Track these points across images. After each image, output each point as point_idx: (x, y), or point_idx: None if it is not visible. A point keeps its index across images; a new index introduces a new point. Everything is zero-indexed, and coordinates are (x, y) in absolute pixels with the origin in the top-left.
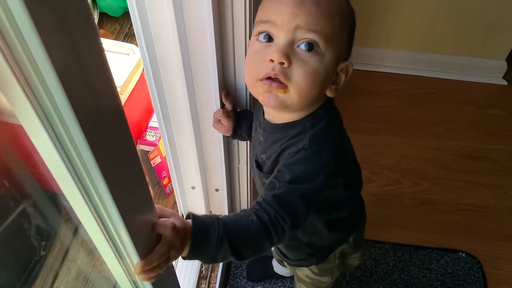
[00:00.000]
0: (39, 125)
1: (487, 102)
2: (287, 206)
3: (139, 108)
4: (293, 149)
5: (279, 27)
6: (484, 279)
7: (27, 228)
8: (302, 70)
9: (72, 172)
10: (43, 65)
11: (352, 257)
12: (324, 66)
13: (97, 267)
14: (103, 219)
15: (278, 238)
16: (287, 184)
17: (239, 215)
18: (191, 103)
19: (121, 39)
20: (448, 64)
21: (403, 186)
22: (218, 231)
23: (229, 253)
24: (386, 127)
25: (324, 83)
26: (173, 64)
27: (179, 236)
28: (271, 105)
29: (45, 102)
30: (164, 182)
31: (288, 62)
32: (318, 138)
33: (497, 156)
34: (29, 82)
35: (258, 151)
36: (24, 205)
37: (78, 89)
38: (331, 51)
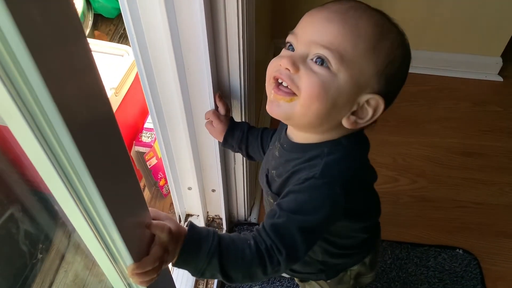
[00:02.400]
0: (25, 126)
1: (482, 99)
2: (284, 237)
3: (134, 110)
4: (304, 175)
5: (299, 39)
6: (481, 275)
7: (15, 232)
8: (309, 78)
9: (62, 174)
10: (27, 66)
11: (367, 276)
12: (335, 84)
13: (93, 271)
14: (95, 222)
15: (273, 269)
16: (288, 213)
17: (239, 237)
18: (186, 104)
19: (115, 40)
20: (443, 61)
21: (400, 184)
22: (211, 245)
23: (217, 271)
24: (382, 125)
25: (333, 105)
26: (167, 65)
27: (173, 239)
28: (273, 113)
29: (30, 102)
30: (160, 183)
31: (294, 69)
32: (332, 168)
33: (493, 152)
34: (13, 81)
35: (270, 166)
36: (13, 210)
37: (64, 89)
38: (346, 74)
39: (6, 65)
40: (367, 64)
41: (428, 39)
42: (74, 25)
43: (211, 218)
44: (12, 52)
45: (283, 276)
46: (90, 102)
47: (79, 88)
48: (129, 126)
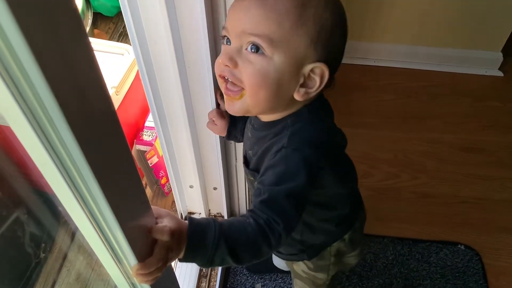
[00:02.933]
0: (27, 126)
1: (483, 94)
2: (276, 208)
3: (135, 108)
4: (274, 149)
5: (230, 32)
6: (483, 271)
7: (21, 235)
8: (248, 70)
9: (65, 175)
10: (29, 65)
11: (349, 255)
12: (274, 68)
13: (96, 270)
14: (99, 222)
15: (276, 242)
16: (271, 187)
17: (236, 219)
18: (187, 102)
19: (115, 39)
20: (444, 56)
21: (401, 180)
22: (215, 232)
23: (226, 254)
24: (383, 122)
25: (278, 87)
26: (168, 64)
27: (175, 237)
28: (231, 112)
29: (32, 102)
30: (162, 181)
31: (233, 64)
32: (297, 135)
33: (494, 148)
34: (14, 81)
35: (247, 147)
36: (18, 213)
37: (67, 89)
38: (281, 54)
39: (7, 64)
40: (298, 38)
41: (428, 35)
42: (75, 23)
43: (212, 215)
44: (14, 52)
45: (283, 270)
46: (92, 101)
47: (81, 88)
48: (130, 125)
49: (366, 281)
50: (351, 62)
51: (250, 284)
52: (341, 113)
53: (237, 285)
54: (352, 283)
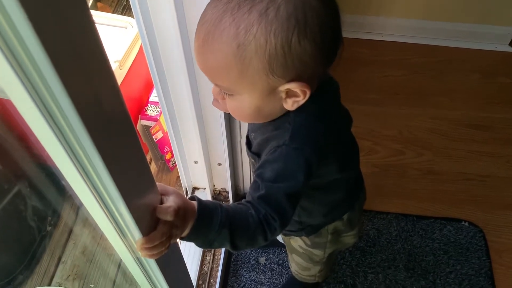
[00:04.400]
0: (28, 100)
1: (492, 70)
2: (273, 205)
3: (139, 83)
4: (275, 143)
5: None
6: (486, 247)
7: (23, 209)
8: (228, 106)
9: (68, 149)
10: (28, 37)
11: (347, 235)
12: (247, 103)
13: (102, 244)
14: (103, 197)
15: (271, 234)
16: (270, 183)
17: (240, 207)
18: (191, 77)
19: (119, 12)
20: (452, 31)
21: (406, 156)
22: (221, 217)
23: (227, 240)
24: (389, 98)
25: (260, 112)
26: (171, 37)
27: (180, 215)
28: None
29: (32, 75)
30: (167, 156)
31: (216, 102)
32: (300, 132)
33: (501, 125)
34: (14, 53)
35: (250, 128)
36: (20, 186)
37: (66, 60)
38: (245, 94)
39: (6, 36)
40: (250, 79)
41: (437, 9)
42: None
43: (217, 191)
44: (12, 23)
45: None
46: (93, 70)
47: (81, 56)
48: (134, 100)
49: (369, 257)
50: (357, 37)
51: (254, 258)
52: (346, 89)
53: (241, 259)
54: (355, 258)
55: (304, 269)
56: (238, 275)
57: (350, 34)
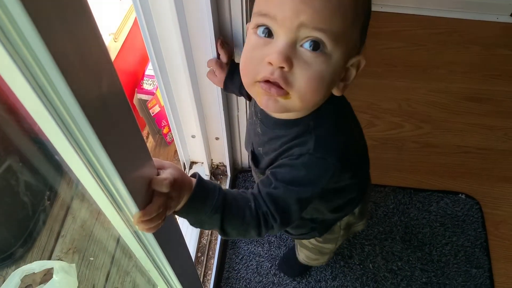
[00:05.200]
0: (17, 73)
1: (493, 42)
2: (281, 206)
3: (135, 55)
4: (297, 151)
5: (280, 23)
6: (482, 219)
7: (15, 183)
8: (305, 74)
9: (60, 123)
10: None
11: (357, 224)
12: (331, 67)
13: (100, 218)
14: (98, 171)
15: (266, 232)
16: (284, 184)
17: (241, 195)
18: (187, 50)
19: None
20: (453, 2)
21: (404, 129)
22: (216, 200)
23: (217, 225)
24: (389, 70)
25: (330, 85)
26: (166, 9)
27: (176, 187)
28: (270, 109)
29: (20, 47)
30: (164, 131)
31: (289, 65)
32: (325, 141)
33: (501, 97)
34: (2, 28)
35: (255, 142)
36: (11, 161)
37: (55, 31)
38: (340, 49)
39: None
40: (354, 30)
41: None
42: None
43: (215, 165)
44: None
45: None
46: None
47: (71, 28)
48: (130, 73)
49: (366, 229)
50: None
51: None
52: None
53: None
54: None
55: (313, 260)
56: (236, 247)
57: None
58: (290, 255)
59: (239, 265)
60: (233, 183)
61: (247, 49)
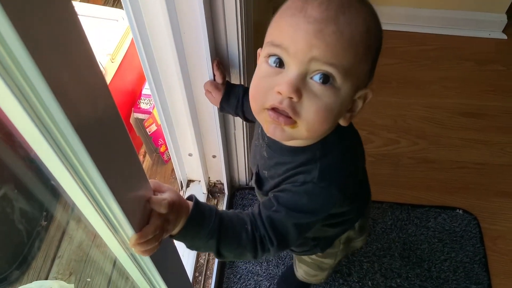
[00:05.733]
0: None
1: (486, 58)
2: (279, 230)
3: (132, 75)
4: (301, 178)
5: (292, 55)
6: (480, 234)
7: (10, 211)
8: (313, 106)
9: (55, 147)
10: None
11: (357, 240)
12: (339, 100)
13: (97, 240)
14: (93, 194)
15: (262, 255)
16: (286, 209)
17: (238, 218)
18: (183, 70)
19: (110, 4)
20: (446, 19)
21: (400, 145)
22: (213, 224)
23: (213, 249)
24: (383, 87)
25: (337, 117)
26: (162, 29)
27: (174, 210)
28: (277, 137)
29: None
30: (161, 149)
31: (298, 96)
32: (329, 172)
33: (495, 112)
34: None
35: (260, 165)
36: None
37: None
38: (349, 83)
39: None
40: (366, 64)
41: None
42: None
43: (212, 183)
44: None
45: None
46: (78, 62)
47: (66, 49)
48: (127, 93)
49: (364, 246)
50: None
51: None
52: None
53: None
54: None
55: (312, 276)
56: (234, 267)
57: None
58: (288, 273)
59: (237, 284)
60: (231, 201)
61: (257, 77)
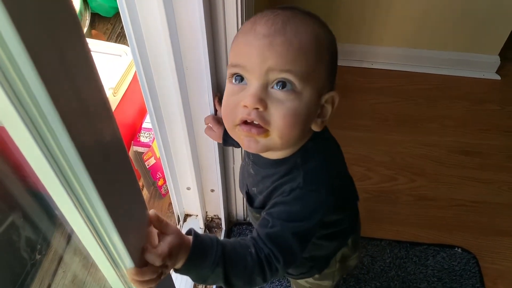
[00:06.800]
0: (22, 127)
1: (481, 97)
2: (281, 245)
3: (133, 109)
4: (287, 187)
5: (250, 71)
6: (480, 274)
7: (17, 239)
8: (280, 112)
9: (61, 177)
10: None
11: (352, 258)
12: (304, 104)
13: (92, 273)
14: (95, 225)
15: (271, 276)
16: (281, 221)
17: (240, 244)
18: (185, 104)
19: (113, 40)
20: (441, 59)
21: (398, 182)
22: (215, 255)
23: (221, 278)
24: (381, 124)
25: (306, 121)
26: (165, 65)
27: (172, 256)
28: (252, 149)
29: (28, 102)
30: (159, 183)
31: (263, 106)
32: (314, 175)
33: (491, 151)
34: (9, 80)
35: (249, 183)
36: (14, 217)
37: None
38: (310, 88)
39: (3, 65)
40: (320, 69)
41: (425, 38)
42: (73, 25)
43: (210, 218)
44: (10, 52)
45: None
46: (89, 102)
47: (78, 89)
48: (128, 126)
49: (363, 284)
50: (348, 65)
51: None
52: (338, 116)
53: None
54: (349, 286)
55: None
56: None
57: (340, 62)
58: None
59: None
60: (228, 236)
61: (225, 97)
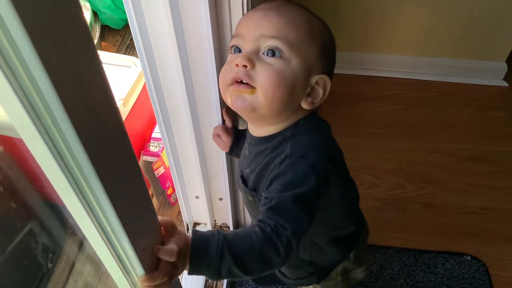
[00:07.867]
0: (39, 138)
1: (488, 104)
2: (283, 214)
3: (142, 120)
4: (278, 160)
5: (245, 38)
6: (489, 281)
7: (33, 245)
8: (266, 71)
9: (75, 186)
10: (41, 80)
11: (356, 271)
12: (290, 70)
13: (103, 280)
14: (107, 233)
15: (284, 249)
16: (279, 193)
17: (242, 229)
18: (193, 114)
19: (123, 51)
20: (448, 67)
21: (406, 190)
22: (218, 242)
23: (232, 264)
24: (388, 132)
25: (292, 89)
26: (174, 76)
27: (181, 256)
28: (238, 107)
29: (44, 115)
30: (168, 192)
31: (251, 64)
32: (300, 144)
33: (499, 157)
34: (26, 94)
35: (243, 166)
36: (31, 224)
37: (77, 103)
38: (298, 58)
39: (20, 79)
40: (311, 47)
41: (432, 45)
42: (85, 37)
43: (218, 226)
44: (26, 65)
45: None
46: (101, 114)
47: (91, 101)
48: (137, 136)
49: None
50: (355, 73)
51: None
52: (345, 124)
53: None
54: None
55: None
56: None
57: (348, 70)
58: None
59: None
60: None
61: (224, 64)
